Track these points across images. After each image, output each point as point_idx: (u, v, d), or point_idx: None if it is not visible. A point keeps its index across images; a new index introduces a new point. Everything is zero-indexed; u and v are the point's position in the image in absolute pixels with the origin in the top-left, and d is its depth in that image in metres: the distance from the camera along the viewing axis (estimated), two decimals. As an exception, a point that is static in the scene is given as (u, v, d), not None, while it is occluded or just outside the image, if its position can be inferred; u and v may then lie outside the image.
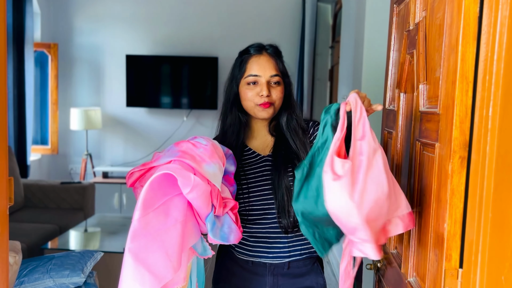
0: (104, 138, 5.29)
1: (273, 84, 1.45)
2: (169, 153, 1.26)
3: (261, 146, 1.53)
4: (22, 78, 4.48)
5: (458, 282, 0.91)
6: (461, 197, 0.91)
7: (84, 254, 1.81)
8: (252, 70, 1.44)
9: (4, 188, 1.01)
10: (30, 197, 4.10)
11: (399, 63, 1.36)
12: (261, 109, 1.44)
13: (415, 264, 1.16)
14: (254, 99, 1.44)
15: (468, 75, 0.89)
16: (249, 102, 1.45)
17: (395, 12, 1.49)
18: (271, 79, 1.44)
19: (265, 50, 1.48)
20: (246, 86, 1.45)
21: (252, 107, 1.46)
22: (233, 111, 1.50)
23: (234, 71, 1.49)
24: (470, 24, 0.88)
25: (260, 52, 1.47)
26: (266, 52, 1.47)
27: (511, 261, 0.69)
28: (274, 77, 1.44)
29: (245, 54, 1.49)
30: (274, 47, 1.50)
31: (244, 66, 1.46)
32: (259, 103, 1.43)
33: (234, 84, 1.49)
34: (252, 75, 1.44)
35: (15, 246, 1.49)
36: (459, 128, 0.90)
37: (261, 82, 1.43)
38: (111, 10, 5.13)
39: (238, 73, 1.48)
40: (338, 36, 4.29)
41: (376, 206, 0.98)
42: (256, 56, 1.46)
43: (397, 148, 1.37)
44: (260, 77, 1.44)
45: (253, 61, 1.46)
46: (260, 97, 1.43)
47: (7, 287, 1.04)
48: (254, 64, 1.45)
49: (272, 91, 1.44)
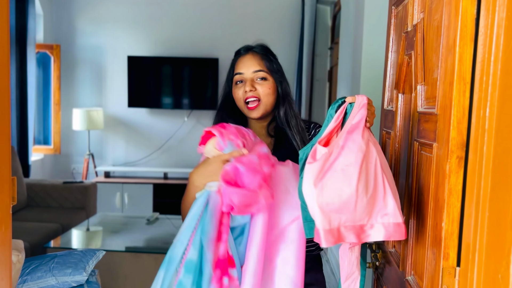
0: (106, 138, 5.29)
1: (258, 80, 1.46)
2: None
3: None
4: (24, 79, 4.48)
5: (456, 281, 0.91)
6: (459, 196, 0.91)
7: (86, 253, 1.81)
8: (237, 69, 1.48)
9: (7, 188, 1.01)
10: (33, 196, 4.10)
11: (397, 64, 1.36)
12: (250, 111, 1.46)
13: (413, 262, 1.16)
14: (242, 97, 1.46)
15: (465, 76, 0.89)
16: (239, 102, 1.47)
17: (393, 14, 1.49)
18: (255, 75, 1.46)
19: (252, 49, 1.51)
20: (235, 86, 1.48)
21: (242, 107, 1.47)
22: (230, 115, 1.51)
23: (227, 73, 1.54)
24: (467, 25, 0.88)
25: (246, 52, 1.50)
26: (252, 51, 1.50)
27: (508, 259, 0.69)
28: (257, 72, 1.46)
29: (235, 55, 1.54)
30: (260, 45, 1.52)
31: (233, 67, 1.51)
32: (245, 99, 1.45)
33: (227, 86, 1.53)
34: (237, 73, 1.47)
35: (18, 245, 1.49)
36: (457, 129, 0.90)
37: (245, 79, 1.46)
38: (113, 12, 5.13)
39: (229, 75, 1.53)
40: (337, 38, 4.30)
41: (339, 199, 0.98)
42: (242, 56, 1.50)
43: (395, 148, 1.37)
44: (243, 74, 1.46)
45: (239, 60, 1.49)
46: (244, 92, 1.44)
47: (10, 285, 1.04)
48: (239, 63, 1.49)
49: (257, 86, 1.45)
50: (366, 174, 1.00)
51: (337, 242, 1.02)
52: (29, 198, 4.10)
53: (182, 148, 5.22)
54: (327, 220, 1.00)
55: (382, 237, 1.02)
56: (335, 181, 0.99)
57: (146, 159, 5.27)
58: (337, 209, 0.99)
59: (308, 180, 1.01)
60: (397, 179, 1.35)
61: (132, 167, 5.19)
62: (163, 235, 3.33)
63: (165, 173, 5.14)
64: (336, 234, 1.01)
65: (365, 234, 1.02)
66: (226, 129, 1.21)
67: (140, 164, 5.27)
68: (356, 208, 0.99)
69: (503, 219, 0.71)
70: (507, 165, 0.71)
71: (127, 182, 4.94)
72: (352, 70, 3.09)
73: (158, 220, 3.64)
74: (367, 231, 1.02)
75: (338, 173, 0.99)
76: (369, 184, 1.00)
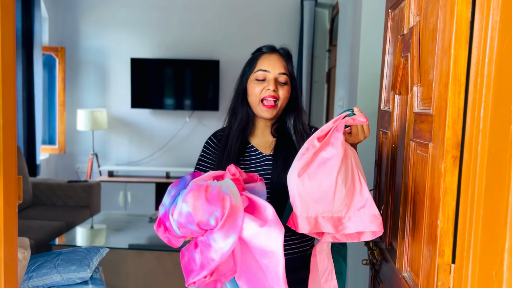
0: (110, 138, 5.29)
1: (280, 83, 1.44)
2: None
3: (262, 144, 1.52)
4: (31, 80, 4.48)
5: (451, 277, 0.91)
6: (454, 195, 0.91)
7: (90, 250, 1.81)
8: (262, 66, 1.44)
9: (13, 187, 1.01)
10: (38, 195, 4.10)
11: (394, 66, 1.36)
12: (265, 109, 1.43)
13: (409, 259, 1.16)
14: (260, 94, 1.43)
15: (460, 77, 0.89)
16: (254, 98, 1.44)
17: (390, 17, 1.49)
18: (279, 77, 1.44)
19: (277, 50, 1.50)
20: (255, 81, 1.45)
21: (256, 104, 1.45)
22: (244, 105, 1.49)
23: (245, 68, 1.50)
24: (462, 28, 0.88)
25: (272, 51, 1.48)
26: (278, 52, 1.48)
27: (502, 256, 0.69)
28: (282, 75, 1.44)
29: (257, 52, 1.50)
30: (286, 50, 1.51)
31: (254, 63, 1.46)
32: (265, 96, 1.42)
33: (244, 79, 1.49)
34: (261, 70, 1.44)
35: (23, 242, 1.49)
36: (452, 129, 0.90)
37: (269, 78, 1.43)
38: (116, 15, 5.13)
39: (248, 69, 1.48)
40: (335, 40, 4.29)
41: (318, 189, 1.03)
42: (268, 54, 1.47)
43: (392, 148, 1.37)
44: (269, 72, 1.43)
45: (264, 58, 1.46)
46: (267, 90, 1.42)
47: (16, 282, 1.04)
48: (264, 60, 1.45)
49: (279, 88, 1.43)
50: (345, 168, 1.05)
51: (314, 230, 1.07)
52: (34, 197, 4.09)
53: (184, 148, 5.22)
54: (305, 208, 1.04)
55: (359, 228, 1.05)
56: (317, 172, 1.04)
57: (149, 159, 5.27)
58: (316, 199, 1.04)
59: (294, 170, 1.06)
60: (394, 178, 1.35)
61: (135, 167, 5.19)
62: (165, 233, 3.33)
63: (167, 172, 5.14)
64: (312, 223, 1.05)
65: (342, 226, 1.05)
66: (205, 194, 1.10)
67: (142, 164, 5.27)
68: (334, 199, 1.03)
69: (497, 217, 0.71)
70: (501, 165, 0.71)
71: (130, 181, 4.94)
72: (350, 71, 3.09)
73: (161, 218, 3.64)
74: (344, 223, 1.05)
75: (320, 165, 1.04)
76: (347, 177, 1.05)
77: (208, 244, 1.05)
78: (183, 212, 1.05)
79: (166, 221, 1.13)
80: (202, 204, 1.04)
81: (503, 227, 0.69)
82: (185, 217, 1.05)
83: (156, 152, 5.26)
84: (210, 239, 1.05)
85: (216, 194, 1.06)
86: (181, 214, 1.06)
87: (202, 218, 1.04)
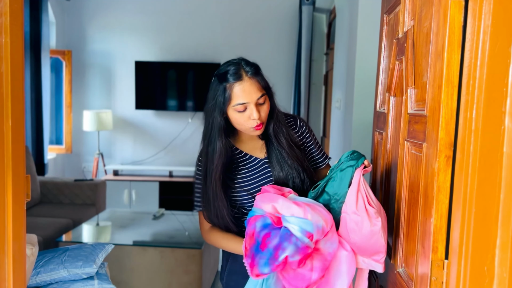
0: (115, 139, 5.29)
1: (260, 104, 1.36)
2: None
3: (254, 149, 1.48)
4: (39, 83, 4.48)
5: (444, 273, 0.91)
6: (447, 193, 0.91)
7: (96, 246, 1.81)
8: (239, 99, 1.33)
9: (22, 185, 1.01)
10: (46, 193, 4.10)
11: (389, 68, 1.36)
12: (254, 131, 1.38)
13: (404, 255, 1.16)
14: (246, 124, 1.36)
15: (453, 80, 0.89)
16: (240, 126, 1.38)
17: (385, 21, 1.49)
18: (258, 101, 1.35)
19: (245, 73, 1.34)
20: (236, 112, 1.35)
21: (246, 129, 1.38)
22: (221, 138, 1.39)
23: (217, 99, 1.36)
24: (455, 32, 0.88)
25: (241, 77, 1.33)
26: (247, 76, 1.33)
27: (493, 252, 0.69)
28: (260, 98, 1.35)
29: (224, 81, 1.35)
30: (252, 67, 1.36)
31: (228, 95, 1.34)
32: (253, 126, 1.36)
33: (218, 112, 1.37)
34: (240, 104, 1.33)
35: (32, 239, 1.49)
36: (445, 129, 0.90)
37: (250, 107, 1.33)
38: (121, 20, 5.13)
39: (222, 102, 1.35)
40: (332, 44, 4.29)
41: (361, 244, 1.19)
42: (239, 83, 1.33)
43: (387, 148, 1.37)
44: (248, 103, 1.33)
45: (237, 89, 1.33)
46: (252, 120, 1.35)
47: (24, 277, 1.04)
48: (239, 92, 1.33)
49: (260, 110, 1.36)
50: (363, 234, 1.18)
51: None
52: (42, 195, 4.09)
53: (186, 147, 5.22)
54: (360, 253, 1.25)
55: (368, 267, 1.26)
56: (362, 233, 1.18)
57: (152, 158, 5.27)
58: (362, 248, 1.22)
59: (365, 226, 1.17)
60: (389, 177, 1.35)
61: (139, 166, 5.19)
62: (168, 230, 3.33)
63: (170, 172, 5.14)
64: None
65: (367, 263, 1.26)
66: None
67: (146, 163, 5.27)
68: (365, 252, 1.23)
69: (489, 214, 0.71)
70: (493, 164, 0.71)
71: (134, 180, 4.94)
72: (347, 74, 3.09)
73: (164, 216, 3.64)
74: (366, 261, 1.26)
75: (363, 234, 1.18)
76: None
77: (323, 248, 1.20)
78: (319, 227, 1.16)
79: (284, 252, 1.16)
80: (317, 214, 1.19)
81: (494, 224, 0.69)
82: (321, 231, 1.17)
83: (159, 152, 5.26)
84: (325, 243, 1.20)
85: (308, 204, 1.22)
86: (318, 231, 1.16)
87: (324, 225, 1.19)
